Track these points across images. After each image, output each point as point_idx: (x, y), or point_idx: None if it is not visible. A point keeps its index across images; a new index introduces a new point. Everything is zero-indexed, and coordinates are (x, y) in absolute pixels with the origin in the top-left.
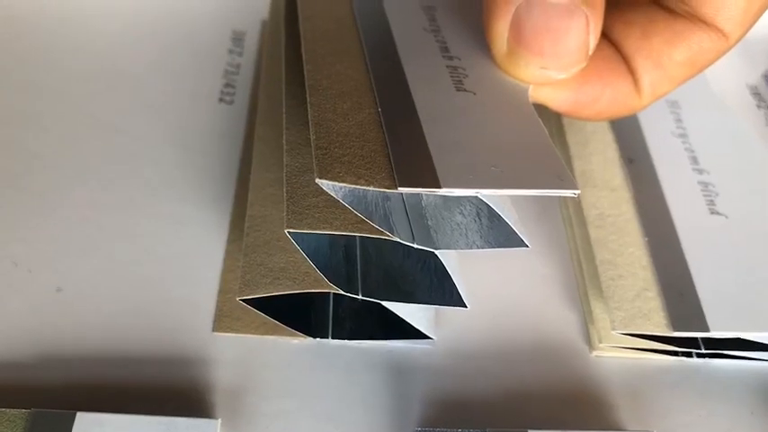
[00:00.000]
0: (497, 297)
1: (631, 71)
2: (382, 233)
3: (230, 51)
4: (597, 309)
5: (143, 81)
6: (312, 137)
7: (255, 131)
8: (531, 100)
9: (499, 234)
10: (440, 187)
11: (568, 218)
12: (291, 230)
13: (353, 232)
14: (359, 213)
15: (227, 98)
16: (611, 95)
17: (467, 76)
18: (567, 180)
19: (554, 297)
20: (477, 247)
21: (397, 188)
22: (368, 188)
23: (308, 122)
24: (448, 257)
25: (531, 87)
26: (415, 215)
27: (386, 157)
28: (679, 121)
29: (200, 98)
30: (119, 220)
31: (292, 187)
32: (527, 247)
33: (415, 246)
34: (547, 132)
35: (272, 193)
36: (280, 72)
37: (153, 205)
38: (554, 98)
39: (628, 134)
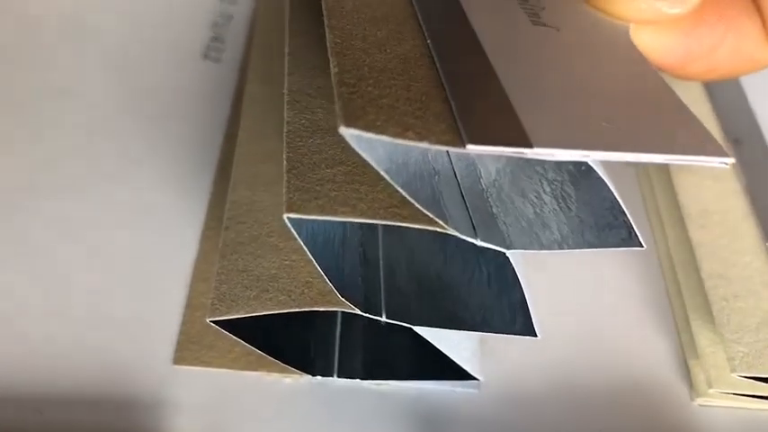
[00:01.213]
0: (564, 322)
1: (760, 10)
2: (432, 223)
3: None
4: (703, 340)
5: (107, 33)
6: (333, 70)
7: (245, 90)
8: None
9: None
10: (530, 146)
11: (656, 213)
12: (293, 216)
13: (388, 220)
14: (400, 189)
15: (214, 54)
16: (732, 44)
17: (543, 8)
18: (710, 143)
19: (640, 321)
20: (568, 247)
21: (464, 146)
22: (419, 144)
23: (319, 66)
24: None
25: (631, 28)
26: (474, 198)
27: (443, 103)
28: None
29: (180, 54)
30: (59, 209)
31: (296, 153)
32: (642, 247)
33: (479, 243)
34: (666, 82)
35: (264, 172)
36: (280, 14)
37: (106, 190)
38: (658, 45)
39: (731, 108)
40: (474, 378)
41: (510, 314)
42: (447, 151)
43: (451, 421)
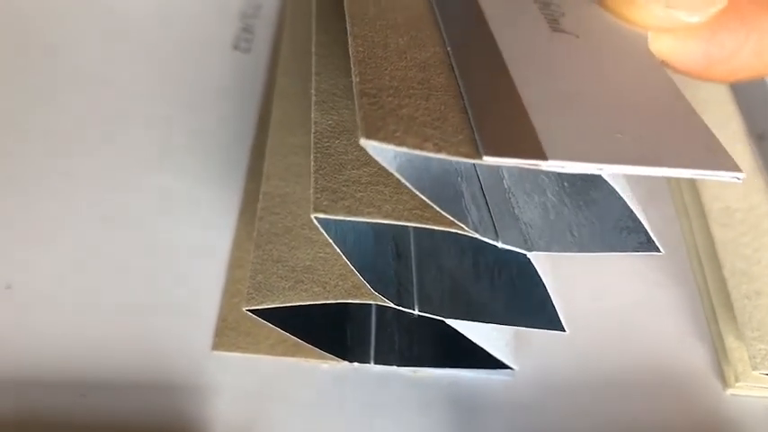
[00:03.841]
0: (596, 313)
1: None
2: (453, 225)
3: None
4: (730, 335)
5: (139, 24)
6: (355, 79)
7: (276, 84)
8: None
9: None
10: (545, 159)
11: (683, 207)
12: (320, 216)
13: (412, 222)
14: (420, 194)
15: (244, 45)
16: (754, 46)
17: (563, 14)
18: (721, 157)
19: (671, 313)
20: (588, 250)
21: (481, 157)
22: (437, 155)
23: (345, 66)
24: (539, 260)
25: (649, 36)
26: (496, 198)
27: (461, 113)
28: None
29: (210, 45)
30: (95, 197)
31: (323, 154)
32: (659, 251)
33: (500, 245)
34: (681, 91)
35: (296, 164)
36: (308, 7)
37: (141, 178)
38: (678, 51)
39: (755, 104)
40: (509, 367)
41: (537, 309)
42: None
43: (486, 408)
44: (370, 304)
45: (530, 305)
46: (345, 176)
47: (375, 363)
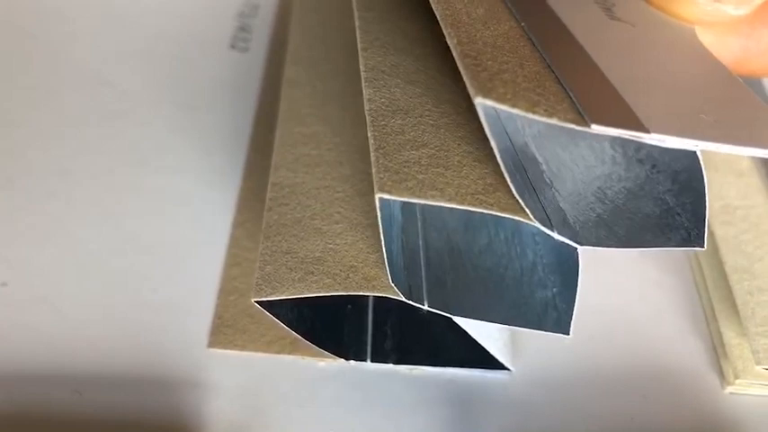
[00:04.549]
0: (595, 310)
1: None
2: (519, 212)
3: None
4: (730, 332)
5: (136, 23)
6: (452, 41)
7: (285, 73)
8: None
9: None
10: (647, 132)
11: None
12: (385, 196)
13: (476, 207)
14: (505, 169)
15: (241, 44)
16: None
17: (614, 4)
18: None
19: (668, 309)
20: (630, 246)
21: (588, 126)
22: (548, 120)
23: (389, 44)
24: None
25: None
26: (543, 192)
27: (557, 83)
28: None
29: (207, 44)
30: (91, 196)
31: (381, 133)
32: (702, 247)
33: (556, 236)
34: (739, 79)
35: (306, 154)
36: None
37: (137, 177)
38: (718, 46)
39: None
40: (505, 368)
41: (542, 310)
42: (510, 141)
43: (483, 406)
44: (367, 303)
45: (535, 306)
46: (405, 157)
47: (372, 360)
